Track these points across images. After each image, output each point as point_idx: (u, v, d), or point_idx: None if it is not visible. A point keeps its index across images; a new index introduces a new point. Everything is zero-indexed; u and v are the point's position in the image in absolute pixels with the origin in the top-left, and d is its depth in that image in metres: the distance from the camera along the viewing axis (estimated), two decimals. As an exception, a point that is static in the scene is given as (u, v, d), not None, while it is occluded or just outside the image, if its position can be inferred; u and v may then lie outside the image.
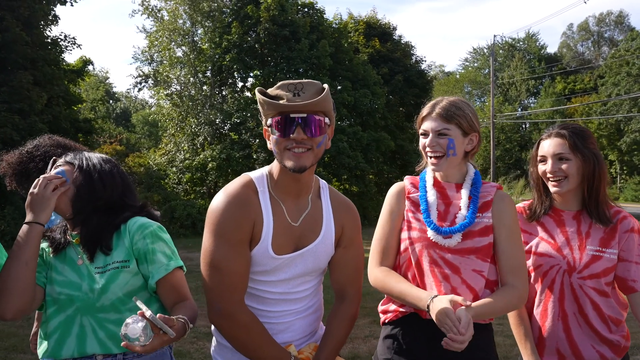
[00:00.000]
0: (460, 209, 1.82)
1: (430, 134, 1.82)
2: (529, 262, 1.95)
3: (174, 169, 17.68)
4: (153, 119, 21.55)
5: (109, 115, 35.90)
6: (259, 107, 1.59)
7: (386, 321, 1.89)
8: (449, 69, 53.02)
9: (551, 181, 1.91)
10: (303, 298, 1.73)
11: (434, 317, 1.63)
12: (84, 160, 1.73)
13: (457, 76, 49.14)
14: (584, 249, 1.87)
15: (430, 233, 1.79)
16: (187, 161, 17.23)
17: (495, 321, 5.91)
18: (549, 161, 1.90)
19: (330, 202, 1.77)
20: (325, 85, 1.58)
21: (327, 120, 1.58)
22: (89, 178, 1.70)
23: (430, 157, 1.83)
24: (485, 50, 48.05)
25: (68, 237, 1.73)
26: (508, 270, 1.78)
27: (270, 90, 1.59)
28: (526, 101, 44.13)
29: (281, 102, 1.53)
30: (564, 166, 1.87)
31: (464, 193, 1.84)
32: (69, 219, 1.72)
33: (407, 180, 1.96)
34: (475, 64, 49.58)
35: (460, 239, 1.77)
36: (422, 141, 1.86)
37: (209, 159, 16.48)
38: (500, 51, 44.86)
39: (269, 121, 1.57)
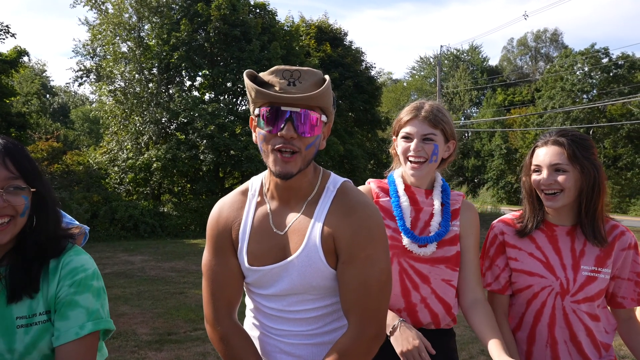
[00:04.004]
0: (432, 216, 1.76)
1: (416, 139, 1.73)
2: (518, 281, 1.79)
3: (116, 168, 16.94)
4: (94, 116, 20.64)
5: (45, 110, 33.98)
6: (247, 93, 1.38)
7: None
8: (396, 77, 54.28)
9: (545, 194, 1.72)
10: (309, 320, 1.45)
11: (398, 345, 1.55)
12: (39, 177, 1.31)
13: (405, 84, 50.35)
14: (578, 269, 1.70)
15: (405, 241, 1.72)
16: (130, 160, 16.55)
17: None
18: (544, 172, 1.70)
19: (329, 206, 1.43)
20: (327, 77, 1.37)
21: (324, 117, 1.38)
22: (45, 203, 1.32)
23: (412, 162, 1.74)
24: (431, 60, 49.57)
25: None
26: (477, 282, 1.76)
27: (263, 75, 1.38)
28: (469, 110, 45.88)
29: (272, 90, 1.31)
30: (560, 178, 1.68)
31: (437, 200, 1.77)
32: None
33: (373, 184, 1.86)
34: (422, 73, 51.03)
35: (435, 248, 1.72)
36: (404, 145, 1.75)
37: (154, 159, 15.92)
38: (446, 61, 46.42)
39: (257, 110, 1.36)
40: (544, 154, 1.71)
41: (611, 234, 1.74)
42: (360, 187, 1.83)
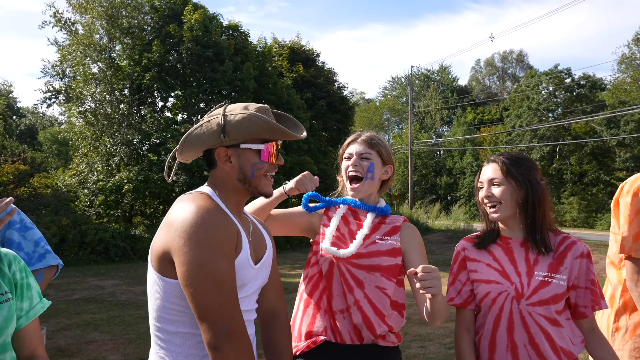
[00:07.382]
0: (362, 228, 1.98)
1: (354, 156, 1.99)
2: (478, 291, 1.89)
3: (86, 190, 16.57)
4: (63, 137, 20.12)
5: (11, 131, 33.00)
6: (246, 126, 1.48)
7: (297, 354, 1.87)
8: (369, 96, 54.89)
9: (487, 206, 1.92)
10: (253, 319, 1.62)
11: (296, 186, 1.98)
12: None
13: (377, 103, 51.09)
14: (532, 275, 1.82)
15: (324, 246, 1.93)
16: (100, 183, 16.22)
17: (417, 344, 6.00)
18: (484, 186, 1.93)
19: (252, 217, 1.75)
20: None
21: None
22: None
23: (351, 180, 1.98)
24: (402, 80, 50.55)
25: None
26: None
27: (257, 111, 1.53)
28: (440, 129, 46.80)
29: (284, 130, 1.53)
30: (495, 191, 1.88)
31: (369, 215, 2.00)
32: None
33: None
34: (394, 93, 51.92)
35: (355, 250, 1.88)
36: (345, 164, 2.01)
37: (125, 181, 15.64)
38: (417, 81, 47.41)
39: (261, 146, 1.52)
40: (485, 172, 1.96)
41: (563, 243, 1.87)
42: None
